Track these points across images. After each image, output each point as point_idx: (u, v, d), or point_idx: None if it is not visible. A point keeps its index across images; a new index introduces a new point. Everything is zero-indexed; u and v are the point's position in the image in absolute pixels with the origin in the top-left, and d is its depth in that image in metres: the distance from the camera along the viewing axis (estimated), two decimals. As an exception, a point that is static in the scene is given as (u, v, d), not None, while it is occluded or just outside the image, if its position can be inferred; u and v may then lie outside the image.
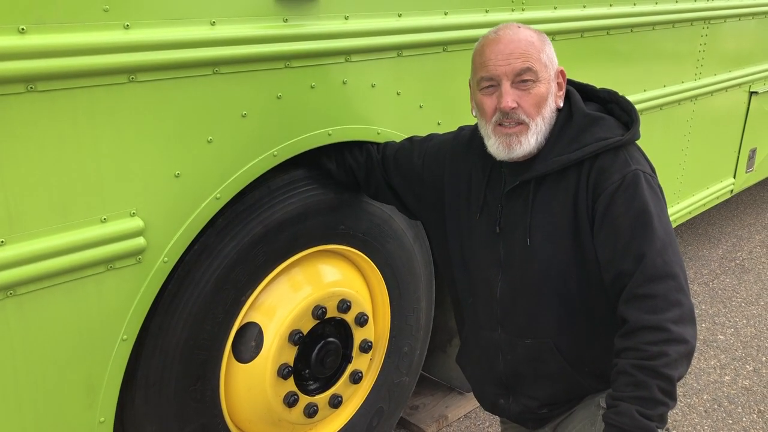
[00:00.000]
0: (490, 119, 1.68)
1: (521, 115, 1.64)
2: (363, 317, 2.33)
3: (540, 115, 1.66)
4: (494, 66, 1.65)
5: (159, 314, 1.87)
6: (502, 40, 1.66)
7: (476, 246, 1.82)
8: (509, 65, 1.63)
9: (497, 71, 1.64)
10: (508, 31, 1.67)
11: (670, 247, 1.56)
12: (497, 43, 1.66)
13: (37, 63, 1.47)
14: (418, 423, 2.86)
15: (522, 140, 1.66)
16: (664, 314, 1.49)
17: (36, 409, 1.66)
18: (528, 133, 1.65)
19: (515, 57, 1.63)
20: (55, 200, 1.58)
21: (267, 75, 1.87)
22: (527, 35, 1.66)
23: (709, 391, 3.20)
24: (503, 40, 1.66)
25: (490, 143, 1.70)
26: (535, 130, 1.66)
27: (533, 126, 1.65)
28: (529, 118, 1.65)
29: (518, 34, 1.66)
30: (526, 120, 1.65)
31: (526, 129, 1.65)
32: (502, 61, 1.64)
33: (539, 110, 1.66)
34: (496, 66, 1.64)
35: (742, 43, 3.95)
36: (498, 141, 1.68)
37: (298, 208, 2.07)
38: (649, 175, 1.64)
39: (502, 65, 1.64)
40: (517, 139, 1.66)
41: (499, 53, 1.64)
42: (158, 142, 1.70)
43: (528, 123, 1.65)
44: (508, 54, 1.64)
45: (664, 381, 1.46)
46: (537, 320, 1.75)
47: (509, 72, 1.64)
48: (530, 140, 1.66)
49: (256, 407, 2.14)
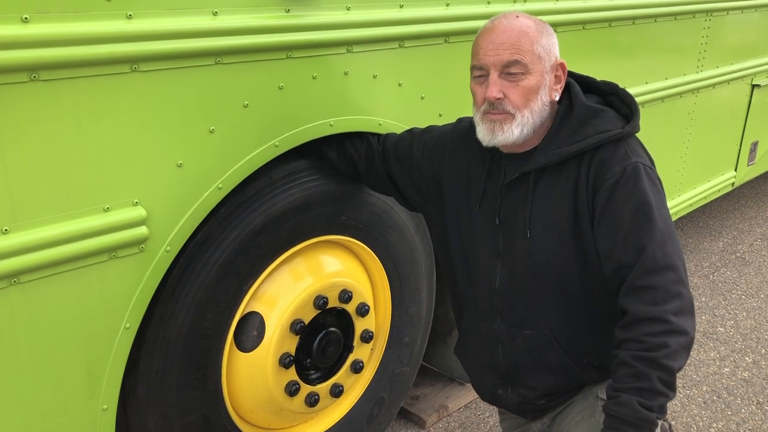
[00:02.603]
0: (479, 107, 1.70)
1: (507, 105, 1.65)
2: (364, 307, 2.34)
3: (528, 107, 1.65)
4: (484, 55, 1.65)
5: (161, 303, 1.88)
6: (495, 30, 1.66)
7: (476, 237, 1.83)
8: (497, 56, 1.63)
9: (486, 61, 1.65)
10: (504, 21, 1.67)
11: (670, 239, 1.57)
12: (491, 33, 1.66)
13: (40, 52, 1.48)
14: (418, 413, 2.88)
15: (505, 128, 1.66)
16: (665, 306, 1.50)
17: (39, 397, 1.67)
18: (512, 123, 1.65)
19: (504, 48, 1.63)
20: (58, 189, 1.58)
21: (269, 65, 1.87)
22: (523, 25, 1.65)
23: (709, 382, 3.21)
24: (497, 29, 1.66)
25: (478, 129, 1.72)
26: (521, 122, 1.66)
27: (519, 117, 1.65)
28: (515, 109, 1.65)
29: (513, 24, 1.65)
30: (512, 111, 1.65)
31: (511, 118, 1.65)
32: (491, 51, 1.64)
33: (527, 102, 1.65)
34: (485, 55, 1.65)
35: (745, 36, 3.94)
36: (483, 126, 1.70)
37: (299, 199, 2.07)
38: (649, 167, 1.64)
39: (491, 55, 1.64)
40: (500, 126, 1.66)
41: (490, 43, 1.65)
42: (161, 131, 1.71)
43: (514, 114, 1.65)
44: (498, 44, 1.63)
45: (664, 372, 1.47)
46: (536, 311, 1.76)
47: (497, 63, 1.63)
48: (514, 130, 1.66)
49: (257, 396, 2.15)
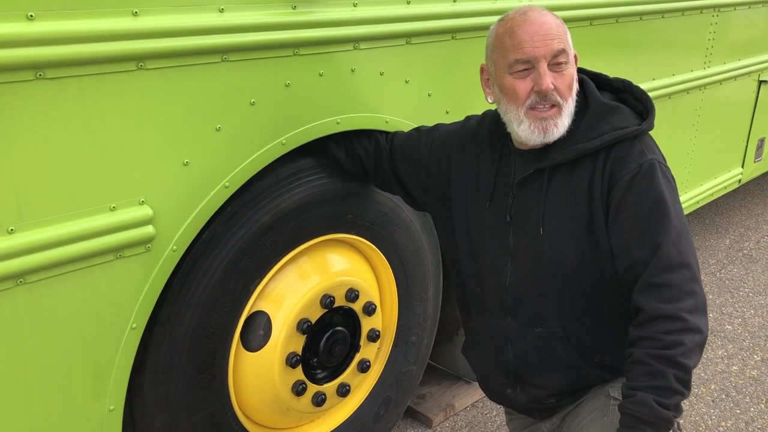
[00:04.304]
0: (522, 103, 1.64)
1: (557, 96, 1.62)
2: (371, 306, 2.33)
3: (571, 96, 1.65)
4: (531, 47, 1.60)
5: (168, 303, 1.87)
6: (534, 22, 1.62)
7: (485, 235, 1.81)
8: (547, 46, 1.59)
9: (535, 53, 1.60)
10: (536, 13, 1.64)
11: (684, 237, 1.56)
12: (530, 25, 1.61)
13: (45, 50, 1.46)
14: (425, 412, 2.86)
15: (558, 123, 1.63)
16: (680, 304, 1.49)
17: (46, 399, 1.66)
18: (562, 115, 1.63)
19: (551, 38, 1.60)
20: (64, 188, 1.57)
21: (275, 63, 1.86)
22: (554, 17, 1.64)
23: (717, 381, 3.19)
24: (535, 21, 1.62)
25: (522, 128, 1.65)
26: (568, 112, 1.64)
27: (566, 108, 1.63)
28: (563, 99, 1.63)
29: (546, 15, 1.64)
30: (560, 102, 1.62)
31: (559, 111, 1.63)
32: (539, 42, 1.59)
33: (571, 92, 1.65)
34: (533, 47, 1.60)
35: (752, 32, 3.91)
36: (532, 125, 1.64)
37: (306, 197, 2.06)
38: (663, 165, 1.63)
39: (540, 46, 1.59)
40: (553, 122, 1.63)
41: (534, 34, 1.60)
42: (167, 130, 1.69)
43: (562, 105, 1.63)
44: (544, 35, 1.60)
45: (680, 370, 1.46)
46: (547, 309, 1.75)
47: (547, 53, 1.60)
48: (564, 122, 1.64)
49: (264, 396, 2.14)
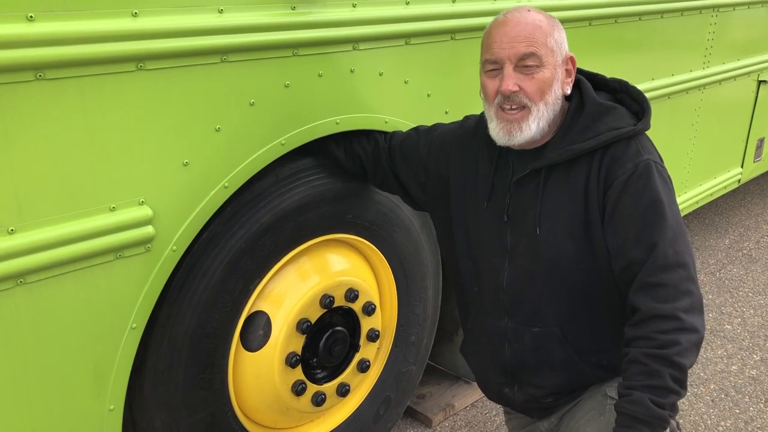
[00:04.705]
0: (492, 101, 1.68)
1: (523, 98, 1.63)
2: (370, 306, 2.33)
3: (543, 100, 1.64)
4: (498, 49, 1.63)
5: (168, 303, 1.87)
6: (509, 23, 1.64)
7: (483, 234, 1.82)
8: (512, 48, 1.62)
9: (500, 54, 1.63)
10: (516, 14, 1.66)
11: (680, 236, 1.56)
12: (504, 26, 1.65)
13: (45, 51, 1.47)
14: (424, 412, 2.87)
15: (523, 126, 1.64)
16: (676, 303, 1.49)
17: (46, 399, 1.67)
18: (529, 118, 1.64)
19: (519, 41, 1.61)
20: (64, 189, 1.57)
21: (275, 63, 1.86)
22: (535, 19, 1.64)
23: (716, 380, 3.19)
24: (510, 22, 1.64)
25: (492, 126, 1.70)
26: (537, 115, 1.64)
27: (535, 110, 1.64)
28: (531, 101, 1.63)
29: (526, 17, 1.64)
30: (528, 104, 1.63)
31: (527, 114, 1.64)
32: (506, 44, 1.62)
33: (542, 95, 1.64)
34: (500, 49, 1.63)
35: (752, 32, 3.91)
36: (499, 126, 1.67)
37: (305, 197, 2.06)
38: (660, 165, 1.64)
39: (506, 48, 1.62)
40: (518, 126, 1.65)
41: (504, 36, 1.63)
42: (166, 130, 1.70)
43: (530, 107, 1.63)
44: (512, 37, 1.62)
45: (676, 370, 1.47)
46: (544, 309, 1.75)
47: (512, 55, 1.62)
48: (531, 126, 1.64)
49: (264, 396, 2.15)
